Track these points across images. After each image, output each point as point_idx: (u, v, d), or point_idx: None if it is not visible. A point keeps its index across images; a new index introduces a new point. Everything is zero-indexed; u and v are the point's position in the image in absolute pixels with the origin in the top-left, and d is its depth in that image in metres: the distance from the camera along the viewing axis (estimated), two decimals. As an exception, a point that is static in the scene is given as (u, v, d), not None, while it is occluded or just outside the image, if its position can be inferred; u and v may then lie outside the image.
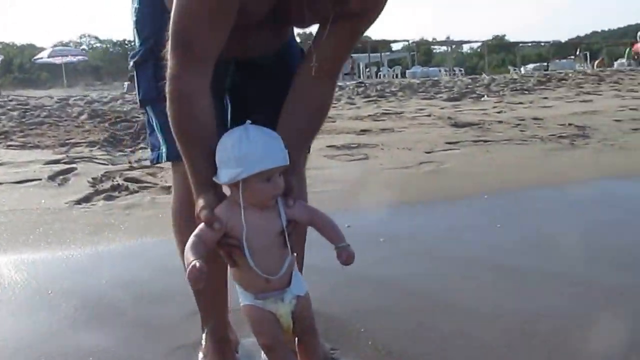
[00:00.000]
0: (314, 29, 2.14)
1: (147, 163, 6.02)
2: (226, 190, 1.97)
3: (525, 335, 2.48)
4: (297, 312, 2.01)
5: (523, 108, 9.65)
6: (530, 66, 42.45)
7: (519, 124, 8.05)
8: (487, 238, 3.87)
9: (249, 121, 1.94)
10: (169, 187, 5.10)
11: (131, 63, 2.33)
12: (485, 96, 11.21)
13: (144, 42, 2.29)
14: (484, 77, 15.03)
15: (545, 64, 42.40)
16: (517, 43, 51.63)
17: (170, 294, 2.99)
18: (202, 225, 1.92)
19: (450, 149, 6.71)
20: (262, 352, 2.18)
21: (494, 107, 9.88)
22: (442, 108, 9.82)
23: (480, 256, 3.52)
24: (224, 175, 1.91)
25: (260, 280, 1.94)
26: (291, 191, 1.99)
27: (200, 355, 2.42)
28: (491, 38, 71.84)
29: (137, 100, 2.35)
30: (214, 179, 1.92)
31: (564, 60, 41.40)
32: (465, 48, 71.94)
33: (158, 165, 5.48)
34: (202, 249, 1.88)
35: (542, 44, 58.09)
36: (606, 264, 3.33)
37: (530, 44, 58.67)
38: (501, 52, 69.88)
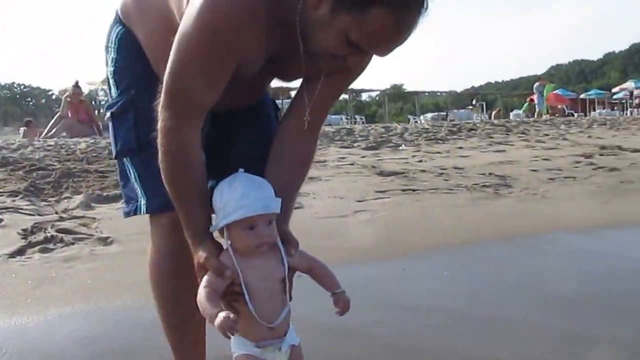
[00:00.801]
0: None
1: (76, 213, 5.90)
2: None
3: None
4: None
5: (441, 157, 10.00)
6: (429, 115, 43.96)
7: (442, 173, 8.34)
8: (439, 286, 3.99)
9: (241, 170, 2.01)
10: (107, 238, 5.03)
11: (108, 114, 2.33)
12: (403, 145, 11.55)
13: (122, 92, 2.30)
14: (396, 126, 15.48)
15: (444, 113, 44.07)
16: (415, 92, 53.35)
17: (133, 350, 2.92)
18: (208, 275, 1.96)
19: (381, 197, 6.88)
20: None
21: (414, 156, 10.19)
22: (363, 157, 10.03)
23: (435, 304, 3.64)
24: (211, 226, 1.99)
25: (262, 328, 1.97)
26: (290, 239, 2.06)
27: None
28: (390, 87, 74.06)
29: (114, 152, 2.34)
30: (210, 229, 1.99)
31: (462, 110, 43.15)
32: (364, 96, 73.98)
33: (89, 216, 5.35)
34: (216, 298, 1.93)
35: (439, 93, 60.65)
36: (558, 308, 3.57)
37: (427, 94, 60.91)
38: (399, 101, 72.31)
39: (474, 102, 46.22)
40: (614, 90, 49.32)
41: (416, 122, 29.08)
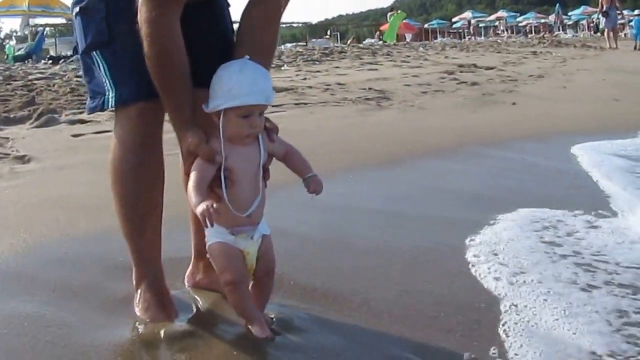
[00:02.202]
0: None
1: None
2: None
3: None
4: (262, 251, 1.97)
5: (322, 75, 9.95)
6: (289, 45, 43.51)
7: (327, 89, 8.29)
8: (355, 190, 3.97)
9: (247, 56, 1.89)
10: (24, 157, 4.60)
11: (76, 9, 2.09)
12: (285, 65, 11.36)
13: None
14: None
15: (304, 43, 43.79)
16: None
17: (82, 258, 2.70)
18: (198, 161, 1.85)
19: (277, 111, 6.72)
20: (196, 303, 2.22)
21: (297, 74, 10.06)
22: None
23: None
24: (211, 104, 1.86)
25: (238, 214, 1.88)
26: (271, 125, 1.98)
27: (139, 309, 2.21)
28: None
29: (81, 47, 2.12)
30: (202, 106, 1.87)
31: (320, 39, 43.05)
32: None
33: (1, 136, 4.85)
34: (204, 187, 1.83)
35: (295, 24, 60.25)
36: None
37: (285, 25, 60.18)
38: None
39: (328, 32, 46.26)
40: (454, 19, 51.11)
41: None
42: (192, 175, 1.82)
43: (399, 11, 32.31)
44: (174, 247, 2.50)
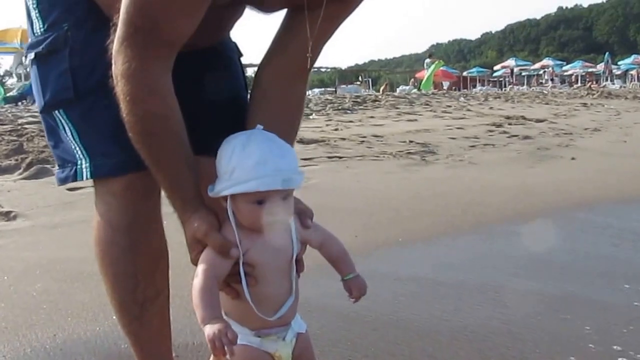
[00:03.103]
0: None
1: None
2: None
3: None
4: (298, 352, 1.66)
5: (356, 126, 9.72)
6: (317, 90, 43.87)
7: (363, 141, 8.04)
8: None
9: (259, 125, 1.57)
10: (9, 213, 4.37)
11: (31, 55, 1.77)
12: (314, 114, 11.18)
13: (51, 26, 1.75)
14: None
15: (332, 89, 44.12)
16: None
17: (75, 344, 2.42)
18: (208, 255, 1.52)
19: (309, 165, 6.47)
20: None
21: (328, 124, 9.84)
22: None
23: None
24: (211, 188, 1.54)
25: (264, 317, 1.57)
26: (303, 208, 1.64)
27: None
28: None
29: (40, 104, 1.78)
30: (209, 191, 1.54)
31: (350, 85, 43.31)
32: (249, 72, 73.11)
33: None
34: (215, 293, 1.50)
35: (323, 69, 60.89)
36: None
37: (312, 70, 60.79)
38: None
39: (360, 78, 46.53)
40: (495, 67, 51.26)
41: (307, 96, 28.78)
42: (200, 273, 1.50)
43: (436, 60, 32.32)
44: (190, 328, 2.33)
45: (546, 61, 51.52)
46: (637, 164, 7.18)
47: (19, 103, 17.73)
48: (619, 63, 50.01)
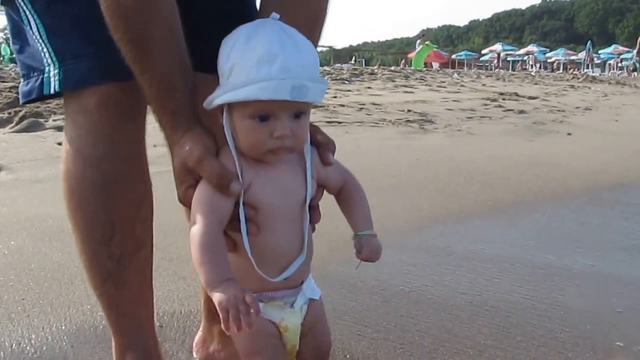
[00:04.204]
0: None
1: None
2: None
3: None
4: (309, 324, 1.21)
5: (354, 95, 9.26)
6: (313, 65, 43.65)
7: (362, 108, 7.59)
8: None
9: (274, 14, 1.08)
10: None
11: None
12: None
13: None
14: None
15: (327, 68, 43.54)
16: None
17: (45, 309, 1.95)
18: (206, 192, 1.07)
19: (308, 129, 6.03)
20: None
21: (326, 92, 9.37)
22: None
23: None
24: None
25: (267, 278, 1.14)
26: (324, 139, 1.18)
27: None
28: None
29: None
30: (204, 103, 1.10)
31: (345, 64, 42.67)
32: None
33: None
34: (221, 245, 1.07)
35: (318, 49, 60.32)
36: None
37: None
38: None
39: (354, 58, 45.92)
40: (483, 51, 50.69)
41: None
42: (199, 219, 1.06)
43: (427, 42, 31.67)
44: (177, 294, 1.92)
45: (531, 47, 50.97)
46: (633, 141, 6.76)
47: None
48: (600, 52, 49.56)
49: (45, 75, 1.29)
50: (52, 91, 1.29)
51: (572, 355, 1.84)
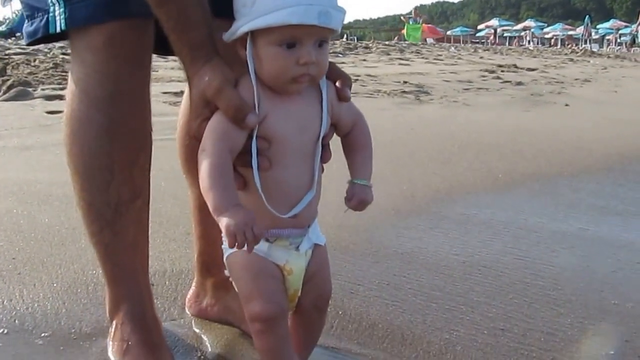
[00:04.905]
0: None
1: None
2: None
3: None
4: (313, 270, 1.24)
5: (349, 67, 9.24)
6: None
7: (356, 80, 7.56)
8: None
9: None
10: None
11: None
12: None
13: None
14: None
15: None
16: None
17: (36, 268, 1.98)
18: (220, 123, 1.09)
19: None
20: (201, 342, 1.53)
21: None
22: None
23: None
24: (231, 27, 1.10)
25: (276, 214, 1.16)
26: (341, 74, 1.20)
27: (114, 349, 1.47)
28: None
29: None
30: (224, 36, 1.11)
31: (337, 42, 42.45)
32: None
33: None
34: (230, 175, 1.09)
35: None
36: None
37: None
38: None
39: (345, 36, 45.67)
40: (479, 27, 50.41)
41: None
42: (209, 146, 1.09)
43: (410, 21, 31.28)
44: (168, 255, 1.97)
45: (528, 22, 50.72)
46: (631, 112, 6.77)
47: (9, 40, 16.97)
48: (598, 27, 49.34)
49: (50, 14, 1.30)
50: (58, 29, 1.29)
51: (564, 311, 1.86)
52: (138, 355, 1.43)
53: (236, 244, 1.04)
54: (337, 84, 1.19)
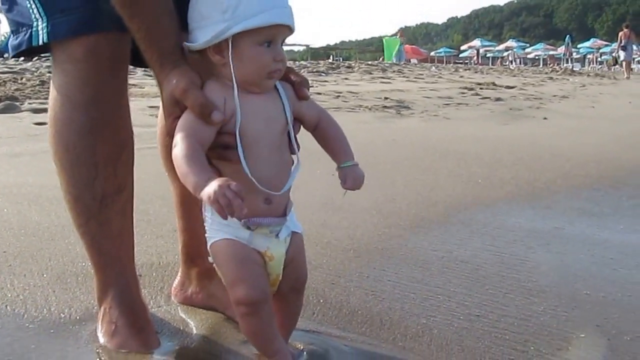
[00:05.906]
0: None
1: None
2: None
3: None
4: (291, 255, 1.34)
5: (332, 85, 9.38)
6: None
7: (338, 96, 7.70)
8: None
9: None
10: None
11: None
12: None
13: None
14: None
15: (304, 62, 43.39)
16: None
17: (27, 260, 2.04)
18: (188, 120, 1.22)
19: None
20: (187, 327, 1.60)
21: (303, 82, 9.48)
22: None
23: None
24: (204, 35, 1.21)
25: (256, 198, 1.25)
26: (298, 75, 1.36)
27: (102, 332, 1.54)
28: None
29: None
30: (185, 44, 1.26)
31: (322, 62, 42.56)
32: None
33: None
34: (202, 156, 1.19)
35: (295, 49, 60.34)
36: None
37: (284, 48, 60.26)
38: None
39: (331, 57, 45.94)
40: (462, 47, 51.00)
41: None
42: (180, 140, 1.20)
43: (394, 37, 31.58)
44: (156, 249, 2.03)
45: (510, 42, 51.46)
46: (608, 124, 6.93)
47: (-3, 59, 16.89)
48: (579, 46, 50.14)
49: (34, 29, 1.40)
50: (40, 42, 1.39)
51: (537, 300, 1.94)
52: (125, 336, 1.50)
53: (225, 211, 1.10)
54: (295, 86, 1.31)
